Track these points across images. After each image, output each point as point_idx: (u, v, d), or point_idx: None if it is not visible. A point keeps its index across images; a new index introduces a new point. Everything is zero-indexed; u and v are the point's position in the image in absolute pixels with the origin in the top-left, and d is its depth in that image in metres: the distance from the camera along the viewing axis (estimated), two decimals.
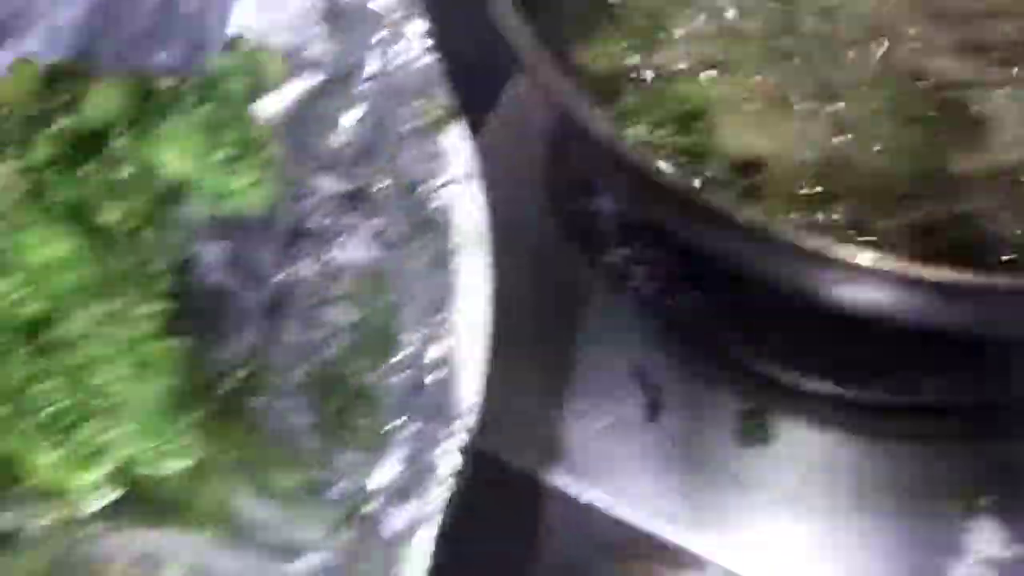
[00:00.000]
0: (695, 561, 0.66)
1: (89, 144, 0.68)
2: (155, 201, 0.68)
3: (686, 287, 0.75)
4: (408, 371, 0.59)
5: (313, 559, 0.56)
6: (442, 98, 0.66)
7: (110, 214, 0.66)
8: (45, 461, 0.55)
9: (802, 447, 0.70)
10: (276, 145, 0.70)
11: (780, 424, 0.71)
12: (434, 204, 0.64)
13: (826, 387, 0.72)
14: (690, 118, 0.67)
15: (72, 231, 0.63)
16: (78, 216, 0.65)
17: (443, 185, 0.64)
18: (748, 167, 0.64)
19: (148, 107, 0.69)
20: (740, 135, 0.65)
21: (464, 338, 0.59)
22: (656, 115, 0.66)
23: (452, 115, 0.66)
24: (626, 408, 0.71)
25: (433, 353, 0.59)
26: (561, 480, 0.69)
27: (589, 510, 0.68)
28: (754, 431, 0.70)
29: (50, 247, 0.62)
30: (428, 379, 0.58)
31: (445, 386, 0.58)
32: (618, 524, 0.68)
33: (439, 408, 0.57)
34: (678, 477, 0.69)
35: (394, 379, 0.59)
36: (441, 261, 0.62)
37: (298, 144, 0.70)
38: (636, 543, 0.67)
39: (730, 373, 0.72)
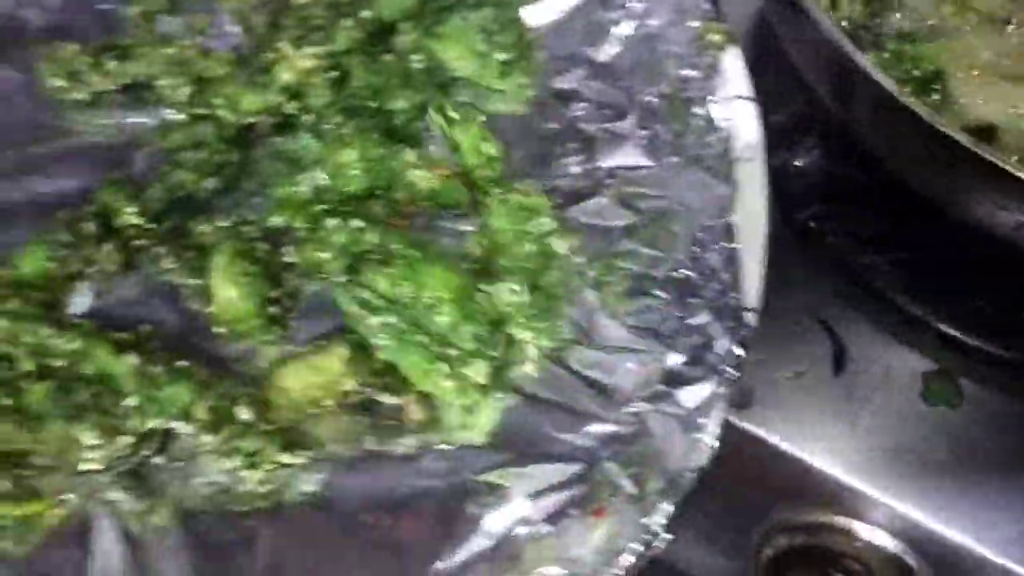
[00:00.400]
0: (875, 510, 0.69)
1: (381, 36, 0.73)
2: (432, 95, 0.73)
3: (880, 246, 0.78)
4: (693, 270, 0.65)
5: (602, 428, 0.62)
6: (720, 23, 0.71)
7: (398, 103, 0.71)
8: (441, 385, 0.61)
9: (987, 411, 0.72)
10: (544, 51, 0.75)
11: (966, 386, 0.73)
12: (712, 118, 0.69)
13: (1015, 354, 0.74)
14: (928, 81, 0.70)
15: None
16: (374, 101, 0.70)
17: (720, 101, 0.69)
18: (982, 133, 0.66)
19: (432, 6, 0.74)
20: (974, 101, 0.68)
21: (747, 242, 0.64)
22: (895, 74, 0.69)
23: (730, 39, 0.70)
24: (812, 360, 0.74)
25: (718, 255, 0.64)
26: (749, 423, 0.71)
27: (775, 455, 0.71)
28: (941, 392, 0.73)
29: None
30: (714, 277, 0.64)
31: (730, 284, 0.63)
32: (801, 469, 0.71)
33: (725, 304, 0.63)
34: (862, 430, 0.71)
35: (680, 274, 0.65)
36: (720, 171, 0.67)
37: (568, 52, 0.75)
38: (816, 488, 0.70)
39: (917, 333, 0.75)
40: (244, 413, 0.60)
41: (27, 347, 0.60)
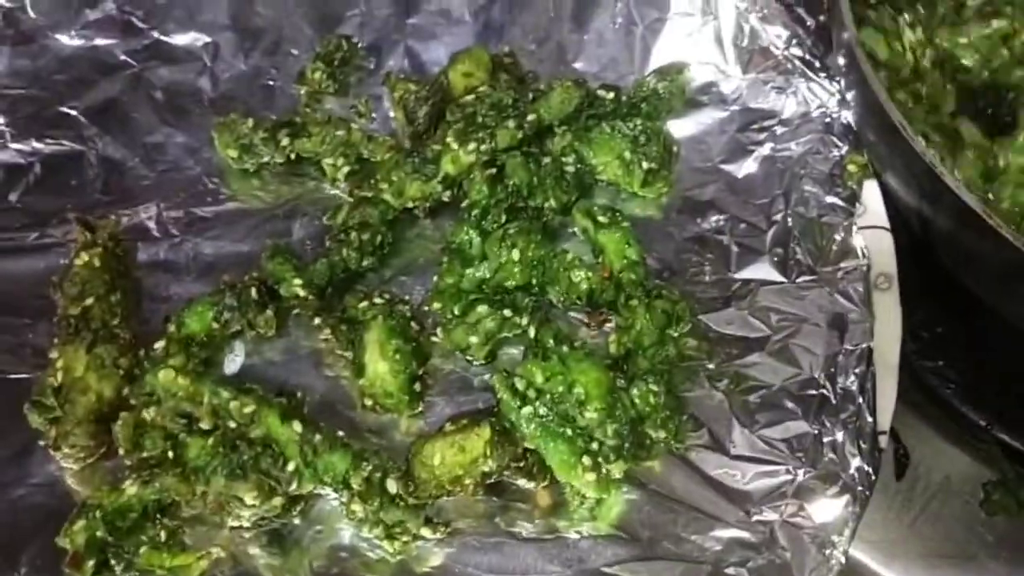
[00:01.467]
0: None
1: (536, 138, 0.78)
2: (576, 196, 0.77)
3: (946, 354, 0.79)
4: (830, 390, 0.67)
5: (729, 532, 0.64)
6: (860, 154, 0.75)
7: (549, 201, 0.75)
8: (583, 478, 0.63)
9: None
10: (684, 162, 0.79)
11: None
12: (851, 244, 0.72)
13: None
14: None
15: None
16: (529, 199, 0.75)
17: (858, 229, 0.72)
18: None
19: (588, 112, 0.78)
20: None
21: (880, 368, 0.67)
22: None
23: (869, 170, 0.74)
24: None
25: (856, 378, 0.67)
26: None
27: None
28: (1001, 502, 0.74)
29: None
30: (851, 398, 0.66)
31: (864, 408, 0.66)
32: (857, 571, 0.71)
33: (861, 425, 0.66)
34: (920, 535, 0.73)
35: (816, 392, 0.67)
36: (856, 296, 0.70)
37: (708, 165, 0.79)
38: None
39: (979, 443, 0.77)
40: (393, 487, 0.63)
41: (208, 407, 0.63)
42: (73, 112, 0.81)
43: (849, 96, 0.78)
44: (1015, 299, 0.69)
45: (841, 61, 0.77)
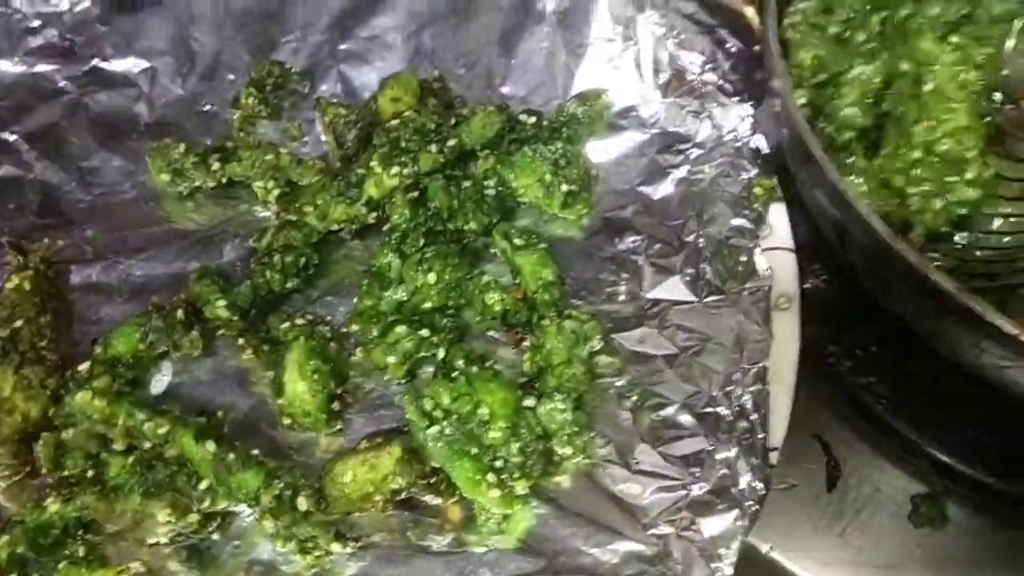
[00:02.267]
0: None
1: (459, 161, 0.80)
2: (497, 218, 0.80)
3: (878, 371, 0.81)
4: (726, 407, 0.70)
5: (627, 546, 0.66)
6: (768, 178, 0.77)
7: (470, 224, 0.78)
8: (487, 495, 0.66)
9: (971, 535, 0.76)
10: (603, 184, 0.82)
11: (952, 510, 0.77)
12: (754, 265, 0.74)
13: (1000, 482, 0.78)
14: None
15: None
16: (449, 222, 0.77)
17: (763, 250, 0.75)
18: None
19: (510, 137, 0.81)
20: None
21: (776, 387, 0.70)
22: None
23: (775, 193, 0.77)
24: (807, 474, 0.77)
25: (750, 396, 0.70)
26: None
27: (764, 562, 0.73)
28: (927, 515, 0.76)
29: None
30: (745, 415, 0.69)
31: (758, 424, 0.68)
32: None
33: (753, 442, 0.68)
34: (849, 545, 0.75)
35: (713, 410, 0.70)
36: (757, 316, 0.73)
37: (626, 187, 0.81)
38: None
39: (909, 457, 0.79)
40: (304, 503, 0.66)
41: (122, 428, 0.66)
42: (13, 137, 0.83)
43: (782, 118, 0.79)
44: (927, 320, 0.71)
45: (777, 84, 0.79)
